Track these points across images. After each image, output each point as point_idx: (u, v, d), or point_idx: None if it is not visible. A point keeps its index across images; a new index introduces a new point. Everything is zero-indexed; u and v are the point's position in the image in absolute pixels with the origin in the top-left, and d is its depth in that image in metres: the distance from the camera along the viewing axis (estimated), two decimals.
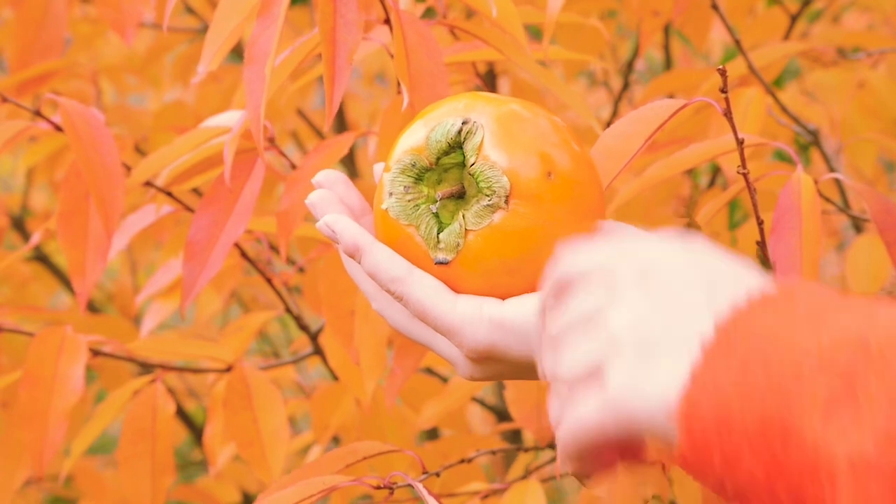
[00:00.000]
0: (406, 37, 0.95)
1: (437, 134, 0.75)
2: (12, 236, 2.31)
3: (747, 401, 0.58)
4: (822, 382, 0.57)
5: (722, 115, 0.90)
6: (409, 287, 0.74)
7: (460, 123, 0.74)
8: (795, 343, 0.58)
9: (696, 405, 0.60)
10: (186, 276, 1.10)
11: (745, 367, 0.59)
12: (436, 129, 0.75)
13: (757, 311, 0.61)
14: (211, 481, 2.10)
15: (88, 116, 1.10)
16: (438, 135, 0.75)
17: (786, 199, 1.05)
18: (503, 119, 0.74)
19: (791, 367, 0.58)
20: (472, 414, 2.38)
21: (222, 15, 0.96)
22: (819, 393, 0.57)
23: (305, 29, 2.13)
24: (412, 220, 0.75)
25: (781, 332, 0.59)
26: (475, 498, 1.21)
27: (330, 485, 0.83)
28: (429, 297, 0.74)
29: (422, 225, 0.75)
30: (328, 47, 0.88)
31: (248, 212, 1.10)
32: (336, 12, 0.89)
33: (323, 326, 1.42)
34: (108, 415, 1.29)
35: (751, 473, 0.59)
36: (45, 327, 1.21)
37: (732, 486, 0.60)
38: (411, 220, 0.75)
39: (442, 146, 0.75)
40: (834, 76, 1.74)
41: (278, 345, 2.81)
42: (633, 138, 0.88)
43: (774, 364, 0.58)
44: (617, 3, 1.81)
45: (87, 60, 2.10)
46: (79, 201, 1.15)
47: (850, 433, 0.56)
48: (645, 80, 2.68)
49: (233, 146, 0.97)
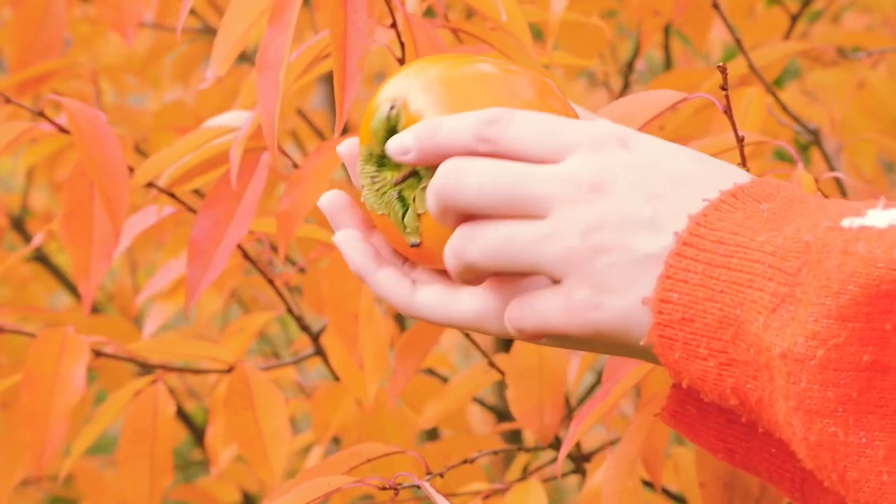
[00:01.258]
0: (416, 39, 0.95)
1: (375, 122, 0.73)
2: (12, 236, 2.31)
3: (709, 299, 0.63)
4: (770, 285, 0.61)
5: (722, 112, 0.90)
6: (417, 309, 0.73)
7: (388, 109, 0.72)
8: (754, 245, 0.62)
9: (667, 301, 0.64)
10: (190, 277, 1.10)
11: (711, 267, 0.63)
12: (374, 115, 0.73)
13: (727, 208, 0.64)
14: (212, 481, 2.10)
15: (92, 117, 1.10)
16: (376, 123, 0.73)
17: None
18: (451, 83, 0.72)
19: (748, 268, 0.62)
20: (473, 414, 2.38)
21: (231, 20, 0.96)
22: (766, 294, 0.61)
23: (305, 30, 2.13)
24: (384, 207, 0.74)
25: (744, 233, 0.63)
26: (476, 498, 1.21)
27: (335, 486, 0.83)
28: (436, 312, 0.73)
29: (391, 211, 0.74)
30: (339, 53, 0.88)
31: (250, 213, 1.10)
32: (347, 19, 0.88)
33: (324, 327, 1.42)
34: (108, 415, 1.29)
35: (704, 369, 0.64)
36: (47, 328, 1.21)
37: (688, 380, 0.64)
38: (383, 208, 0.74)
39: (381, 134, 0.73)
40: (834, 76, 1.74)
41: (279, 345, 2.81)
42: (628, 122, 0.88)
43: (734, 266, 0.62)
44: (617, 3, 1.81)
45: (87, 60, 2.10)
46: (83, 202, 1.15)
47: (785, 330, 0.60)
48: (645, 81, 2.68)
49: (240, 149, 0.97)
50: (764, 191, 0.65)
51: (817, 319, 0.58)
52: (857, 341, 0.58)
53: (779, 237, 0.62)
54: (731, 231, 0.63)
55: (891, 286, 0.57)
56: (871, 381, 0.58)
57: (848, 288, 0.58)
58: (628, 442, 1.06)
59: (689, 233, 0.64)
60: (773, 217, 0.63)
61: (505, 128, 0.68)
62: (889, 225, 0.59)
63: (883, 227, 0.59)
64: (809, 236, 0.61)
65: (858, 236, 0.59)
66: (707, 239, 0.63)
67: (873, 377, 0.58)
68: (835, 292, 0.58)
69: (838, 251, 0.59)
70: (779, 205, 0.64)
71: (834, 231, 0.60)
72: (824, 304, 0.58)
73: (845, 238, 0.59)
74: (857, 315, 0.58)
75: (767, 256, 0.61)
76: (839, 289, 0.58)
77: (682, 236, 0.64)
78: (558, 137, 0.68)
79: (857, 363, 0.58)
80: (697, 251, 0.63)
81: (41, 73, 1.42)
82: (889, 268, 0.57)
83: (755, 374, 0.62)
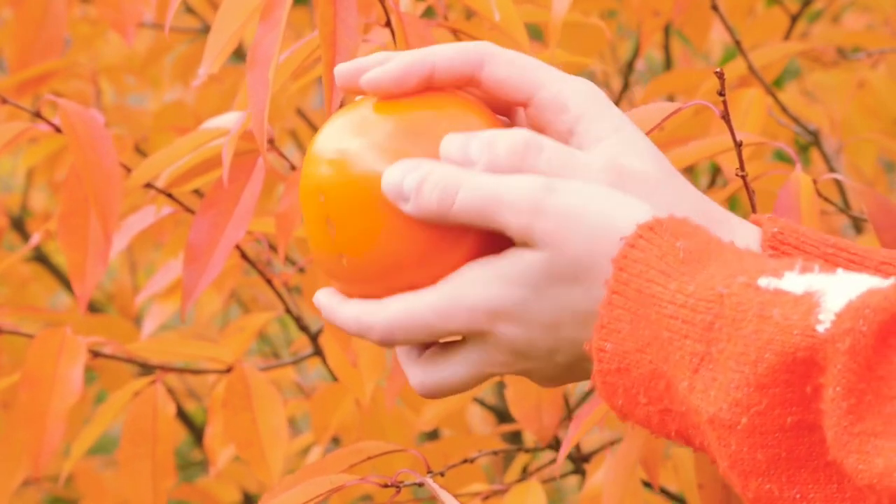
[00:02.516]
0: (409, 39, 0.95)
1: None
2: (11, 236, 2.31)
3: (638, 350, 0.63)
4: (687, 343, 0.61)
5: (720, 117, 0.90)
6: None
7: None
8: (667, 296, 0.62)
9: (603, 350, 0.64)
10: (187, 278, 1.10)
11: (636, 318, 0.63)
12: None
13: (643, 244, 0.64)
14: (211, 481, 2.09)
15: (87, 118, 1.10)
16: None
17: (784, 198, 1.05)
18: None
19: (665, 324, 0.62)
20: (473, 414, 2.38)
21: (224, 17, 0.96)
22: (686, 354, 0.61)
23: (305, 29, 2.13)
24: None
25: (658, 279, 0.63)
26: (476, 498, 1.21)
27: (336, 484, 0.82)
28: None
29: None
30: (328, 51, 0.88)
31: (248, 214, 1.10)
32: (336, 16, 0.88)
33: (323, 327, 1.42)
34: (108, 416, 1.29)
35: (647, 414, 0.65)
36: (45, 328, 1.21)
37: (634, 422, 0.65)
38: None
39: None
40: (834, 76, 1.74)
41: (278, 345, 2.81)
42: None
43: (653, 319, 0.63)
44: (617, 3, 1.80)
45: (87, 61, 2.10)
46: (79, 203, 1.15)
47: (709, 393, 0.61)
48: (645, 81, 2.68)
49: (231, 148, 0.97)
50: (681, 228, 0.65)
51: (738, 387, 0.59)
52: (780, 405, 0.59)
53: (690, 284, 0.62)
54: (648, 278, 0.63)
55: (807, 353, 0.58)
56: (799, 440, 0.59)
57: (765, 356, 0.59)
58: (629, 442, 1.06)
59: (615, 279, 0.64)
60: (688, 258, 0.63)
61: None
62: (805, 291, 0.59)
63: (799, 293, 0.60)
64: (724, 288, 0.61)
65: (774, 301, 0.60)
66: (630, 287, 0.64)
67: (800, 435, 0.59)
68: (752, 360, 0.59)
69: (754, 315, 0.60)
70: (695, 244, 0.64)
71: (750, 289, 0.60)
72: (743, 373, 0.59)
73: (761, 300, 0.60)
74: (777, 382, 0.59)
75: (680, 310, 0.62)
76: (756, 357, 0.59)
77: (610, 283, 0.64)
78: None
79: (782, 425, 0.59)
80: (625, 300, 0.64)
81: (41, 74, 1.42)
82: (805, 335, 0.58)
83: (694, 424, 0.63)
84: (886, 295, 0.58)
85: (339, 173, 0.70)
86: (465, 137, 0.68)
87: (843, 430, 0.57)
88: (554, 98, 0.70)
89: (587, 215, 0.65)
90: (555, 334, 0.67)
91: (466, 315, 0.67)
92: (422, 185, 0.66)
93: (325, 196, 0.70)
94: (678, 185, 0.70)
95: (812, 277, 0.60)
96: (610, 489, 1.10)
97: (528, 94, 0.70)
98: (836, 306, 0.58)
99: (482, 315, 0.67)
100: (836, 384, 0.57)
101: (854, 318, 0.57)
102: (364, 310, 0.70)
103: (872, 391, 0.56)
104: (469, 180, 0.66)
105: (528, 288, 0.66)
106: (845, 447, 0.57)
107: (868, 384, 0.56)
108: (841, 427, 0.57)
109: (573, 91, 0.70)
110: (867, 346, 0.57)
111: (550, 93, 0.70)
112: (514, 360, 0.69)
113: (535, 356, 0.68)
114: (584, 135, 0.70)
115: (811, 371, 0.58)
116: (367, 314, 0.70)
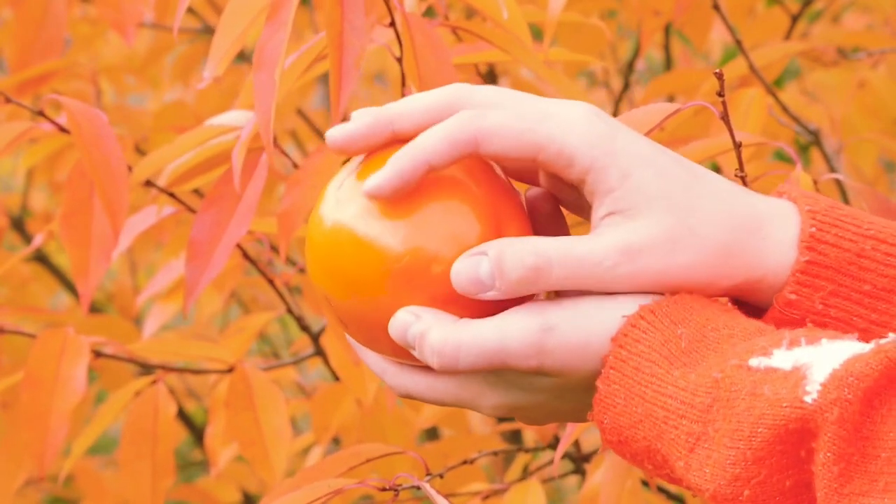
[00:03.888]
0: (414, 39, 0.95)
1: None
2: (12, 237, 2.31)
3: (632, 426, 0.67)
4: (684, 423, 0.65)
5: (720, 118, 0.90)
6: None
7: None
8: (669, 379, 0.65)
9: (602, 422, 0.68)
10: (189, 277, 1.10)
11: (630, 395, 0.66)
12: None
13: (646, 326, 0.67)
14: (211, 481, 2.10)
15: (93, 116, 1.10)
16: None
17: None
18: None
19: (661, 403, 0.65)
20: (473, 414, 2.38)
21: (228, 19, 0.96)
22: (682, 433, 0.65)
23: (305, 29, 2.13)
24: None
25: (661, 362, 0.66)
26: (476, 498, 1.21)
27: (335, 488, 0.82)
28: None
29: None
30: (335, 52, 0.88)
31: (250, 213, 1.10)
32: (344, 17, 0.88)
33: (324, 327, 1.42)
34: (108, 415, 1.29)
35: (658, 475, 0.68)
36: (47, 328, 1.21)
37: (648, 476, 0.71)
38: None
39: None
40: (834, 76, 1.74)
41: (279, 345, 2.81)
42: None
43: (649, 398, 0.66)
44: (617, 3, 1.81)
45: (87, 60, 2.10)
46: (82, 202, 1.15)
47: (704, 471, 0.64)
48: (645, 80, 2.68)
49: (242, 151, 0.97)
50: (679, 312, 0.67)
51: (735, 463, 0.63)
52: (777, 472, 0.62)
53: (692, 374, 0.65)
54: (649, 359, 0.66)
55: (797, 424, 0.61)
56: (799, 498, 0.63)
57: (759, 431, 0.62)
58: None
59: (614, 356, 0.67)
60: (690, 348, 0.66)
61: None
62: (793, 367, 0.62)
63: (787, 369, 0.62)
64: (718, 373, 0.64)
65: (765, 378, 0.63)
66: (628, 364, 0.66)
67: (800, 494, 0.63)
68: (747, 436, 0.62)
69: (747, 393, 0.63)
70: (694, 330, 0.66)
71: (742, 370, 0.63)
72: (739, 448, 0.62)
73: (753, 379, 0.63)
74: (773, 453, 0.62)
75: (680, 392, 0.65)
76: (750, 432, 0.62)
77: (608, 359, 0.67)
78: None
79: (781, 489, 0.62)
80: (621, 376, 0.67)
81: (41, 73, 1.42)
82: (794, 406, 0.61)
83: (698, 492, 0.66)
84: (868, 361, 0.60)
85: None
86: (474, 265, 0.68)
87: (834, 492, 0.60)
88: (557, 156, 0.69)
89: (591, 345, 0.68)
90: (565, 405, 0.71)
91: (489, 411, 0.72)
92: (423, 349, 0.68)
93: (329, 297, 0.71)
94: (699, 195, 0.69)
95: (799, 352, 0.63)
96: (608, 489, 1.10)
97: (531, 157, 0.70)
98: (822, 377, 0.61)
99: (503, 411, 0.72)
100: (826, 450, 0.60)
101: (839, 388, 0.60)
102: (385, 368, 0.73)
103: (859, 452, 0.60)
104: (466, 340, 0.68)
105: (547, 394, 0.70)
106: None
107: (855, 447, 0.60)
108: (832, 489, 0.60)
109: (575, 144, 0.69)
110: (854, 413, 0.60)
111: (552, 152, 0.69)
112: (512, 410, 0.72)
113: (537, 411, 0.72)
114: (595, 185, 0.69)
115: (804, 438, 0.61)
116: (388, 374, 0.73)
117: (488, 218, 0.70)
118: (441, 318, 0.68)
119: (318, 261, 0.71)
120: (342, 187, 0.71)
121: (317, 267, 0.71)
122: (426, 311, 0.69)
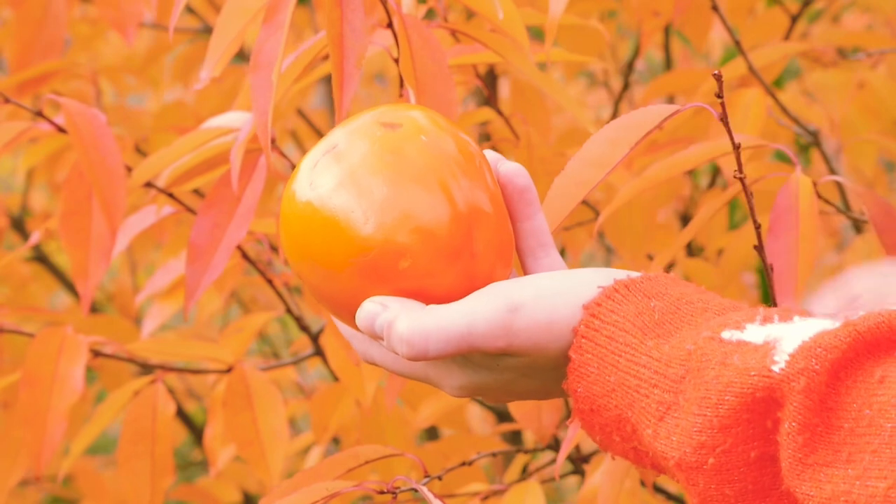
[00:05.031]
0: (411, 41, 0.95)
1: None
2: (12, 236, 2.31)
3: (604, 395, 0.68)
4: (655, 392, 0.66)
5: (718, 120, 0.90)
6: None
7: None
8: (643, 349, 0.67)
9: (575, 391, 0.69)
10: (189, 278, 1.10)
11: (603, 364, 0.68)
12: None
13: (619, 298, 0.68)
14: (211, 481, 2.10)
15: (91, 117, 1.10)
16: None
17: (783, 199, 1.05)
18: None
19: (634, 372, 0.67)
20: (472, 414, 2.38)
21: (226, 20, 0.96)
22: (653, 402, 0.66)
23: (305, 29, 2.13)
24: None
25: (634, 332, 0.67)
26: (475, 499, 1.21)
27: (333, 491, 0.82)
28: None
29: None
30: (336, 53, 0.88)
31: (250, 214, 1.10)
32: (343, 19, 0.88)
33: (324, 327, 1.42)
34: (108, 415, 1.29)
35: (623, 450, 0.69)
36: (46, 328, 1.21)
37: (613, 454, 0.70)
38: None
39: None
40: (834, 76, 1.74)
41: (278, 345, 2.81)
42: (620, 145, 0.88)
43: (622, 367, 0.67)
44: (617, 4, 1.81)
45: (87, 60, 2.10)
46: (81, 202, 1.15)
47: (671, 438, 0.65)
48: (645, 81, 2.68)
49: (240, 152, 0.97)
50: (653, 287, 0.69)
51: (701, 430, 0.64)
52: (743, 442, 0.63)
53: (665, 345, 0.66)
54: (623, 328, 0.67)
55: (764, 392, 0.62)
56: (764, 471, 0.64)
57: (726, 398, 0.63)
58: None
59: (585, 325, 0.68)
60: (664, 319, 0.67)
61: None
62: (764, 340, 0.64)
63: (759, 343, 0.64)
64: (691, 345, 0.65)
65: (736, 349, 0.64)
66: (601, 333, 0.68)
67: (764, 466, 0.64)
68: (714, 403, 0.63)
69: (716, 362, 0.64)
70: (667, 304, 0.68)
71: (713, 342, 0.65)
72: (706, 416, 0.64)
73: (724, 350, 0.64)
74: (739, 421, 0.63)
75: (654, 362, 0.66)
76: (717, 400, 0.63)
77: (580, 329, 0.68)
78: None
79: (746, 459, 0.63)
80: (594, 345, 0.68)
81: (41, 74, 1.42)
82: (761, 375, 0.62)
83: (663, 467, 0.68)
84: (836, 334, 0.62)
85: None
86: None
87: (798, 461, 0.61)
88: None
89: (557, 322, 0.69)
90: (532, 384, 0.73)
91: (454, 391, 0.73)
92: (391, 339, 0.69)
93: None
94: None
95: (771, 327, 0.64)
96: (606, 489, 1.10)
97: None
98: (791, 348, 0.62)
99: (468, 391, 0.73)
100: (791, 419, 0.61)
101: (807, 358, 0.61)
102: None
103: (823, 423, 0.61)
104: (433, 328, 0.68)
105: (513, 373, 0.71)
106: (799, 477, 0.61)
107: (820, 418, 0.61)
108: (796, 459, 0.61)
109: None
110: (820, 384, 0.61)
111: None
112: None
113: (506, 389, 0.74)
114: None
115: (770, 407, 0.62)
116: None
117: (460, 213, 0.71)
118: (408, 306, 0.69)
119: (290, 237, 0.72)
120: (316, 167, 0.71)
121: (289, 242, 0.72)
122: (392, 300, 0.69)
